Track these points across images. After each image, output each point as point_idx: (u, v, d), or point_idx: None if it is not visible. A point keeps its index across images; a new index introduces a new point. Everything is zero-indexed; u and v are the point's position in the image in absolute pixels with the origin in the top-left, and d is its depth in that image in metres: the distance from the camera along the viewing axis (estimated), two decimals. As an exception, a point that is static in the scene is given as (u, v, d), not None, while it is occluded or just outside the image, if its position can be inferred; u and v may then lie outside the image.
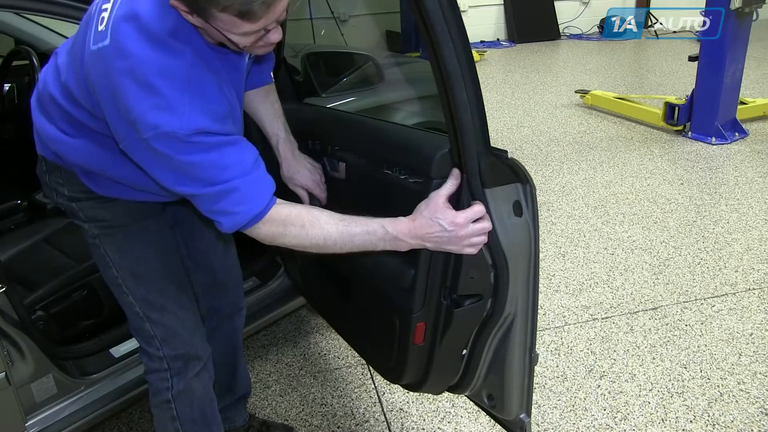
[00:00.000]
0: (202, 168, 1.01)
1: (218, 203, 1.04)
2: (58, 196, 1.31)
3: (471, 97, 1.05)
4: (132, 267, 1.31)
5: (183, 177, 1.03)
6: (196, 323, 1.41)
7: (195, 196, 1.05)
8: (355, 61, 2.41)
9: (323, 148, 1.47)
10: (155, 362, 1.36)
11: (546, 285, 2.60)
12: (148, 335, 1.35)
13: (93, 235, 1.30)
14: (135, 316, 1.34)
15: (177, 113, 0.96)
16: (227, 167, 1.03)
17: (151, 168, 1.05)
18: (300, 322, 2.40)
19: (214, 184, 1.02)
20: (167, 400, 1.37)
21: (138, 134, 0.98)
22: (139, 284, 1.32)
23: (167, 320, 1.35)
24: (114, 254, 1.30)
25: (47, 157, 1.27)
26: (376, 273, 1.31)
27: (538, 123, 4.86)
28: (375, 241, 1.10)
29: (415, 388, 1.37)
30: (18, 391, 1.40)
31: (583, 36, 8.59)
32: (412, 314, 1.22)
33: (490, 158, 1.09)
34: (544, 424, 1.86)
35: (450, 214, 1.07)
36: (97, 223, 1.29)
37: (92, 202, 1.28)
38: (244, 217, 1.06)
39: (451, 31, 1.01)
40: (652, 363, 2.10)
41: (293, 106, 1.64)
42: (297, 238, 1.09)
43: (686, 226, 3.07)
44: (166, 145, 0.98)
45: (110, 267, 1.31)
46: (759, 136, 4.32)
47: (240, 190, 1.04)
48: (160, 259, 1.36)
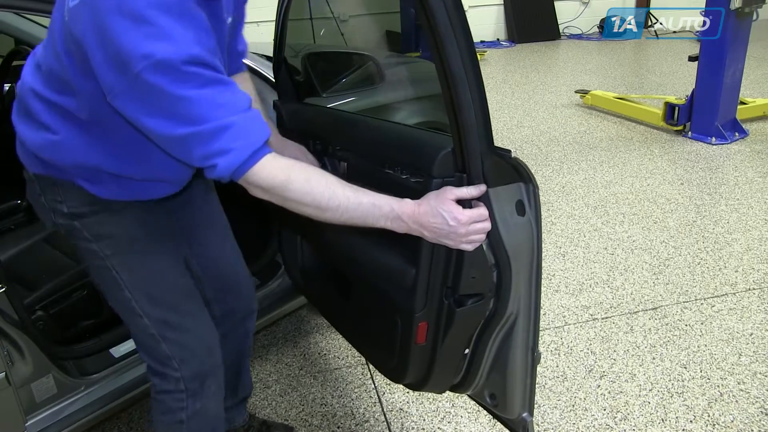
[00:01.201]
0: (197, 104, 0.95)
1: (214, 142, 0.97)
2: (56, 216, 1.22)
3: (475, 97, 1.05)
4: (147, 287, 1.25)
5: (176, 117, 0.96)
6: (214, 337, 1.37)
7: (189, 137, 0.97)
8: (355, 61, 2.40)
9: (324, 148, 1.47)
10: (171, 383, 1.30)
11: (546, 285, 2.60)
12: (164, 356, 1.28)
13: (103, 256, 1.22)
14: (149, 338, 1.27)
15: (171, 39, 0.92)
16: (222, 105, 0.97)
17: (143, 115, 0.97)
18: (300, 322, 2.40)
19: (210, 121, 0.96)
20: (179, 421, 1.32)
21: (129, 72, 0.92)
22: (154, 304, 1.26)
23: (185, 339, 1.30)
24: (127, 274, 1.23)
25: (39, 173, 1.20)
26: (377, 272, 1.31)
27: (538, 123, 4.86)
28: (377, 216, 1.07)
29: (417, 387, 1.37)
30: (18, 391, 1.40)
31: (583, 36, 8.59)
32: (414, 314, 1.22)
33: (493, 158, 1.09)
34: (544, 424, 1.86)
35: (456, 209, 1.07)
36: (107, 240, 1.22)
37: (98, 217, 1.21)
38: (243, 154, 0.98)
39: (456, 31, 1.01)
40: (652, 363, 2.10)
41: (294, 106, 1.64)
42: (299, 192, 1.02)
43: (686, 226, 3.07)
44: (161, 75, 0.92)
45: (122, 289, 1.24)
46: (759, 136, 4.32)
47: (237, 126, 0.98)
48: (175, 275, 1.31)
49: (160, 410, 1.33)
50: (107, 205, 1.21)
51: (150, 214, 1.28)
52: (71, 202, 1.20)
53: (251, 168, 1.00)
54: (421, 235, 1.10)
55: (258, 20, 7.63)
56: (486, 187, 1.10)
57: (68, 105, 1.11)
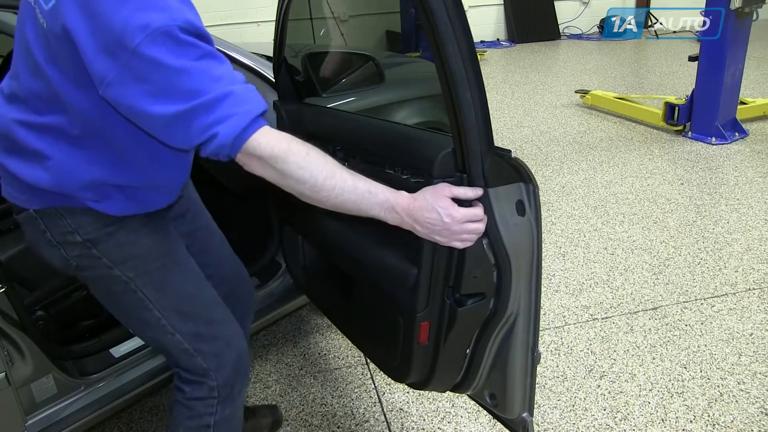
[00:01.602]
0: (195, 77, 0.94)
1: (214, 111, 0.95)
2: (69, 249, 1.16)
3: (475, 97, 1.05)
4: (176, 303, 1.23)
5: (174, 93, 0.94)
6: (243, 341, 1.37)
7: (189, 112, 0.94)
8: (355, 61, 2.40)
9: (324, 148, 1.46)
10: (205, 391, 1.29)
11: (546, 285, 2.60)
12: (201, 368, 1.27)
13: (126, 280, 1.18)
14: (183, 353, 1.25)
15: (164, 8, 0.93)
16: (219, 79, 0.96)
17: (139, 99, 0.95)
18: (300, 322, 2.40)
19: (209, 92, 0.94)
20: (206, 425, 1.31)
21: (126, 49, 0.91)
22: (186, 319, 1.24)
23: (218, 348, 1.29)
24: (154, 293, 1.21)
25: (40, 208, 1.14)
26: (379, 272, 1.31)
27: (538, 123, 4.86)
28: (372, 204, 1.05)
29: (420, 386, 1.37)
30: (18, 391, 1.40)
31: (583, 36, 8.59)
32: (416, 313, 1.22)
33: (493, 158, 1.09)
34: (544, 424, 1.86)
35: (451, 206, 1.06)
36: (129, 263, 1.18)
37: (115, 239, 1.17)
38: (244, 119, 0.96)
39: (456, 31, 1.01)
40: (652, 363, 2.10)
41: (294, 106, 1.64)
42: (298, 165, 0.99)
43: (686, 226, 3.07)
44: (159, 47, 0.91)
45: (150, 309, 1.21)
46: (759, 136, 4.32)
47: (236, 94, 0.97)
48: (200, 286, 1.30)
49: (188, 416, 1.31)
50: (120, 225, 1.18)
51: (161, 230, 1.26)
52: (84, 229, 1.15)
53: (252, 135, 0.98)
54: (412, 230, 1.09)
55: (258, 20, 7.62)
56: (482, 190, 1.11)
57: (58, 122, 1.07)
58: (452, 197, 1.08)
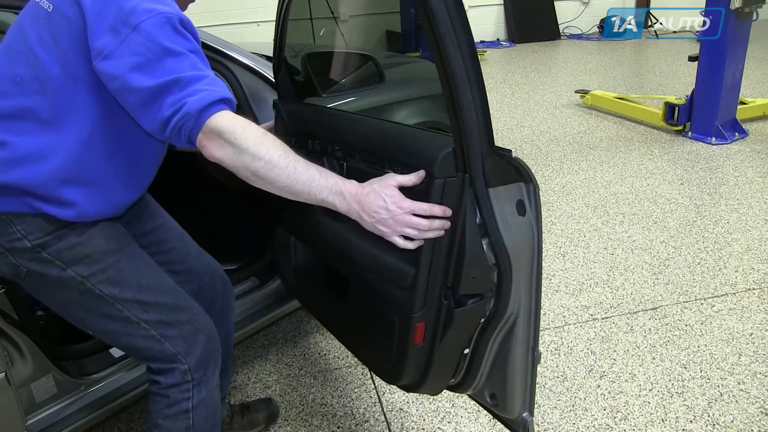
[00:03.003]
0: (180, 60, 1.04)
1: (187, 87, 1.03)
2: (18, 256, 1.15)
3: (476, 96, 1.05)
4: (135, 296, 1.25)
5: (159, 69, 1.03)
6: (210, 323, 1.38)
7: (168, 84, 1.03)
8: (355, 61, 2.40)
9: (323, 147, 1.47)
10: (178, 376, 1.30)
11: (546, 285, 2.60)
12: (170, 354, 1.29)
13: (81, 280, 1.19)
14: (151, 341, 1.27)
15: (168, 3, 1.08)
16: (200, 68, 1.07)
17: (129, 70, 1.03)
18: (300, 322, 2.40)
19: (189, 71, 1.04)
20: (185, 410, 1.32)
21: (130, 25, 1.03)
22: (148, 310, 1.26)
23: (185, 332, 1.31)
24: (112, 290, 1.22)
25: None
26: (375, 271, 1.31)
27: (538, 123, 4.86)
28: (322, 186, 1.08)
29: (413, 388, 1.36)
30: (18, 391, 1.39)
31: (583, 36, 8.60)
32: (413, 314, 1.22)
33: (494, 158, 1.09)
34: (544, 424, 1.86)
35: (397, 195, 1.09)
36: (82, 263, 1.19)
37: (66, 241, 1.17)
38: (213, 95, 1.03)
39: (457, 31, 1.01)
40: (652, 363, 2.10)
41: (293, 106, 1.64)
42: (256, 141, 1.04)
43: (686, 226, 3.07)
44: (159, 29, 1.03)
45: (111, 304, 1.23)
46: (759, 136, 4.33)
47: (211, 78, 1.07)
48: (156, 276, 1.31)
49: (165, 404, 1.33)
50: (71, 227, 1.18)
51: (110, 227, 1.26)
52: (33, 234, 1.15)
53: (217, 112, 1.03)
54: (359, 219, 1.11)
55: (258, 20, 7.60)
56: (425, 173, 1.12)
57: (29, 105, 1.09)
58: (398, 186, 1.10)
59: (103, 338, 1.34)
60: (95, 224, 1.22)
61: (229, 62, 1.83)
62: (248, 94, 1.85)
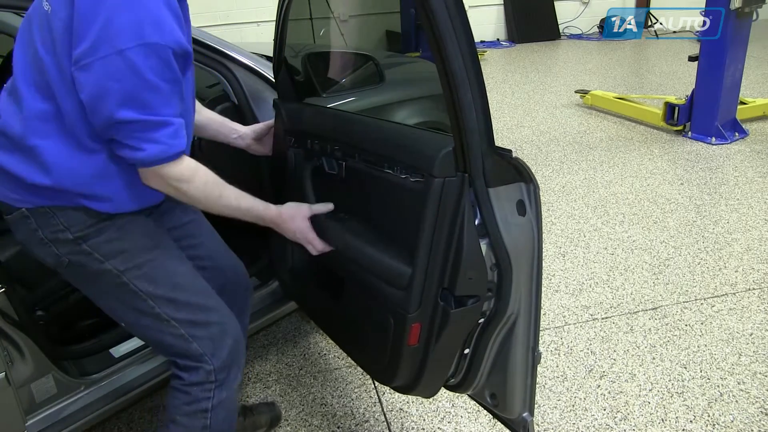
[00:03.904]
0: (158, 95, 1.06)
1: (156, 132, 1.08)
2: (60, 247, 1.21)
3: (476, 96, 1.05)
4: (168, 294, 1.28)
5: (136, 102, 1.05)
6: (237, 327, 1.41)
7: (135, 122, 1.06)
8: (355, 61, 2.40)
9: (323, 147, 1.46)
10: (202, 375, 1.33)
11: (546, 285, 2.60)
12: (197, 354, 1.31)
13: (117, 273, 1.23)
14: (180, 340, 1.30)
15: (161, 27, 1.04)
16: (173, 106, 1.10)
17: (101, 91, 1.04)
18: (300, 322, 2.40)
19: (157, 115, 1.07)
20: (204, 410, 1.34)
21: (110, 48, 1.00)
22: (179, 307, 1.29)
23: (213, 333, 1.33)
24: (146, 286, 1.26)
25: (33, 206, 1.18)
26: (371, 271, 1.31)
27: (538, 123, 4.86)
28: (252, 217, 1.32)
29: (406, 390, 1.36)
30: (18, 391, 1.39)
31: (583, 36, 8.60)
32: (408, 314, 1.21)
33: (494, 157, 1.09)
34: (544, 424, 1.86)
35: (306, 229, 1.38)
36: (120, 257, 1.23)
37: (106, 234, 1.22)
38: (172, 150, 1.11)
39: (457, 31, 1.01)
40: (652, 363, 2.10)
41: (293, 105, 1.64)
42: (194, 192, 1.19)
43: (686, 226, 3.07)
44: (145, 59, 1.02)
45: (144, 300, 1.26)
46: (759, 136, 4.33)
47: (174, 126, 1.10)
48: (190, 275, 1.35)
49: (185, 401, 1.35)
50: (111, 221, 1.22)
51: (149, 224, 1.30)
52: (75, 227, 1.20)
53: (167, 163, 1.13)
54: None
55: (258, 20, 7.61)
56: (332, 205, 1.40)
57: (46, 108, 1.12)
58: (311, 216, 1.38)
59: (132, 331, 1.38)
60: (134, 219, 1.26)
61: (229, 62, 1.83)
62: (248, 94, 1.85)
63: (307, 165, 1.54)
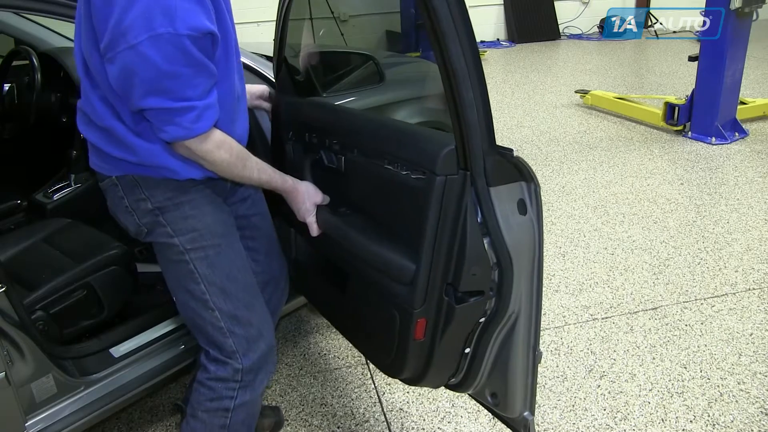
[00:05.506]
0: (178, 81, 1.06)
1: (178, 117, 1.10)
2: (141, 215, 1.28)
3: (477, 96, 1.05)
4: (222, 283, 1.31)
5: (157, 91, 1.06)
6: (273, 333, 1.44)
7: (158, 109, 1.09)
8: (355, 61, 2.40)
9: (322, 141, 1.46)
10: (229, 372, 1.35)
11: (546, 285, 2.60)
12: (230, 350, 1.34)
13: (182, 251, 1.28)
14: (217, 331, 1.33)
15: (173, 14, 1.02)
16: (193, 86, 1.09)
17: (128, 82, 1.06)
18: (300, 322, 2.40)
19: (179, 100, 1.08)
20: (225, 408, 1.36)
21: (124, 42, 1.01)
22: (227, 299, 1.32)
23: (250, 333, 1.36)
24: (205, 270, 1.30)
25: (121, 174, 1.25)
26: (376, 267, 1.31)
27: (538, 123, 4.86)
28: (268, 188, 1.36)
29: (414, 382, 1.37)
30: (18, 391, 1.39)
31: (583, 36, 8.59)
32: (414, 310, 1.22)
33: (495, 157, 1.09)
34: (544, 423, 1.86)
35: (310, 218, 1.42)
36: (189, 235, 1.28)
37: (182, 210, 1.27)
38: (194, 133, 1.13)
39: (458, 30, 1.01)
40: (652, 363, 2.10)
41: (292, 99, 1.64)
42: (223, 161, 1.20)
43: (686, 226, 3.07)
44: (158, 50, 1.01)
45: (198, 282, 1.30)
46: (759, 136, 4.33)
47: (197, 110, 1.11)
48: (246, 272, 1.37)
49: (209, 397, 1.37)
50: (189, 198, 1.28)
51: (223, 212, 1.35)
52: (156, 197, 1.26)
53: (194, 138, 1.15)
54: None
55: (258, 20, 7.66)
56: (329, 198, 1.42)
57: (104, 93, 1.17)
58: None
59: (179, 310, 1.40)
60: (212, 201, 1.32)
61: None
62: (248, 94, 1.84)
63: (306, 159, 1.54)
